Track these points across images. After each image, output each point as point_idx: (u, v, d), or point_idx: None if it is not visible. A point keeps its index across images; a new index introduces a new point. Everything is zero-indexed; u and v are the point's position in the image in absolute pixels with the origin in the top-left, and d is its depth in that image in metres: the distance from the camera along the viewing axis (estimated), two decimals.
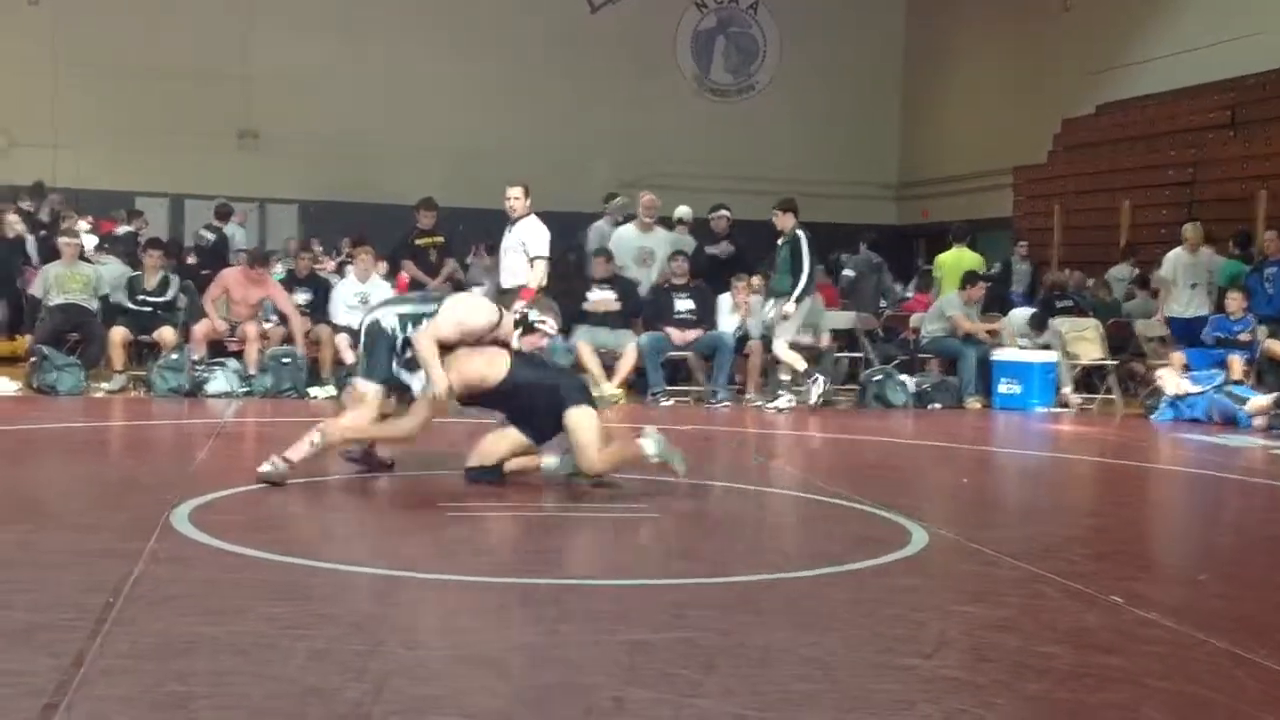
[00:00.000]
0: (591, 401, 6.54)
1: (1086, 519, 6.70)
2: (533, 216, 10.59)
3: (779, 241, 11.50)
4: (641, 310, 12.10)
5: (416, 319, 6.38)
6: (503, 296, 8.81)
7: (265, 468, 6.18)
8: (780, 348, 11.26)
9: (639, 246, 12.52)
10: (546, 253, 10.54)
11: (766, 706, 3.19)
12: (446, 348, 6.28)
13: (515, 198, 10.58)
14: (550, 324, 6.75)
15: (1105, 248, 17.03)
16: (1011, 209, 19.84)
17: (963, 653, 3.79)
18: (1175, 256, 13.17)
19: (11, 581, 4.24)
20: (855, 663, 3.61)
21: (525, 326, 6.64)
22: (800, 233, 11.26)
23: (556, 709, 3.12)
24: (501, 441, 6.43)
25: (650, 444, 6.46)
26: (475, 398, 6.40)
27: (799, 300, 11.15)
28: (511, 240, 10.62)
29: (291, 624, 3.79)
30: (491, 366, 6.32)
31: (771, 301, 11.50)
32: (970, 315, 12.59)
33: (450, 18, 21.39)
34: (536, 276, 10.36)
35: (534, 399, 6.35)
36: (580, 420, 6.33)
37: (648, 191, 13.01)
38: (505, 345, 6.51)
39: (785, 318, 11.21)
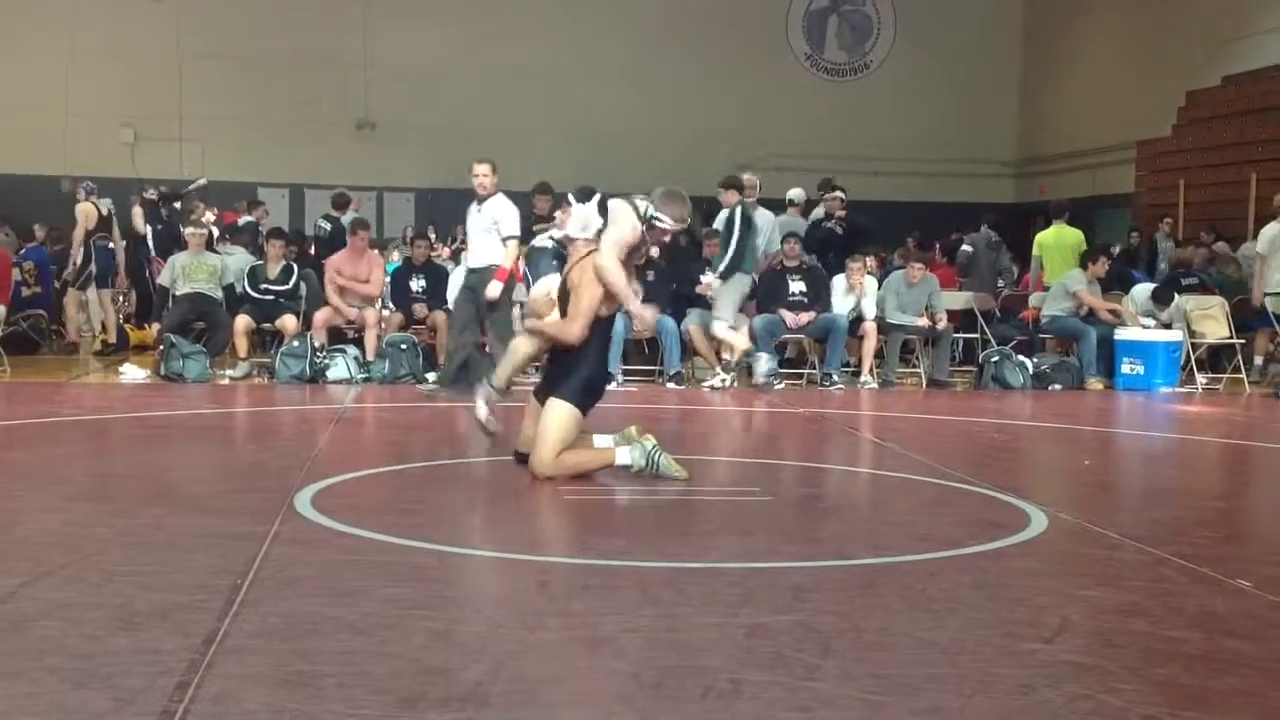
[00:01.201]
0: (581, 401, 6.18)
1: (1212, 502, 6.54)
2: (500, 195, 10.07)
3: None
4: (755, 293, 12.06)
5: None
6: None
7: (482, 411, 6.53)
8: (719, 328, 11.18)
9: None
10: (519, 232, 10.13)
11: (885, 690, 3.17)
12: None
13: (485, 174, 10.01)
14: (668, 221, 6.33)
15: (1232, 223, 16.56)
16: (1133, 185, 19.38)
17: (1086, 637, 3.73)
18: (1269, 230, 12.31)
19: (147, 563, 4.38)
20: (975, 647, 3.57)
21: (646, 222, 6.31)
22: (738, 211, 11.13)
23: (674, 690, 3.13)
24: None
25: (627, 455, 6.09)
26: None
27: (724, 277, 11.04)
28: (482, 220, 10.05)
29: (411, 605, 3.85)
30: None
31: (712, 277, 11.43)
32: (1093, 292, 12.35)
33: (564, 4, 21.49)
34: (511, 257, 9.99)
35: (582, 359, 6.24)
36: (559, 415, 6.09)
37: (747, 172, 12.94)
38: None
39: (710, 293, 11.26)
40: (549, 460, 6.06)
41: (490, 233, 10.00)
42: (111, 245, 13.76)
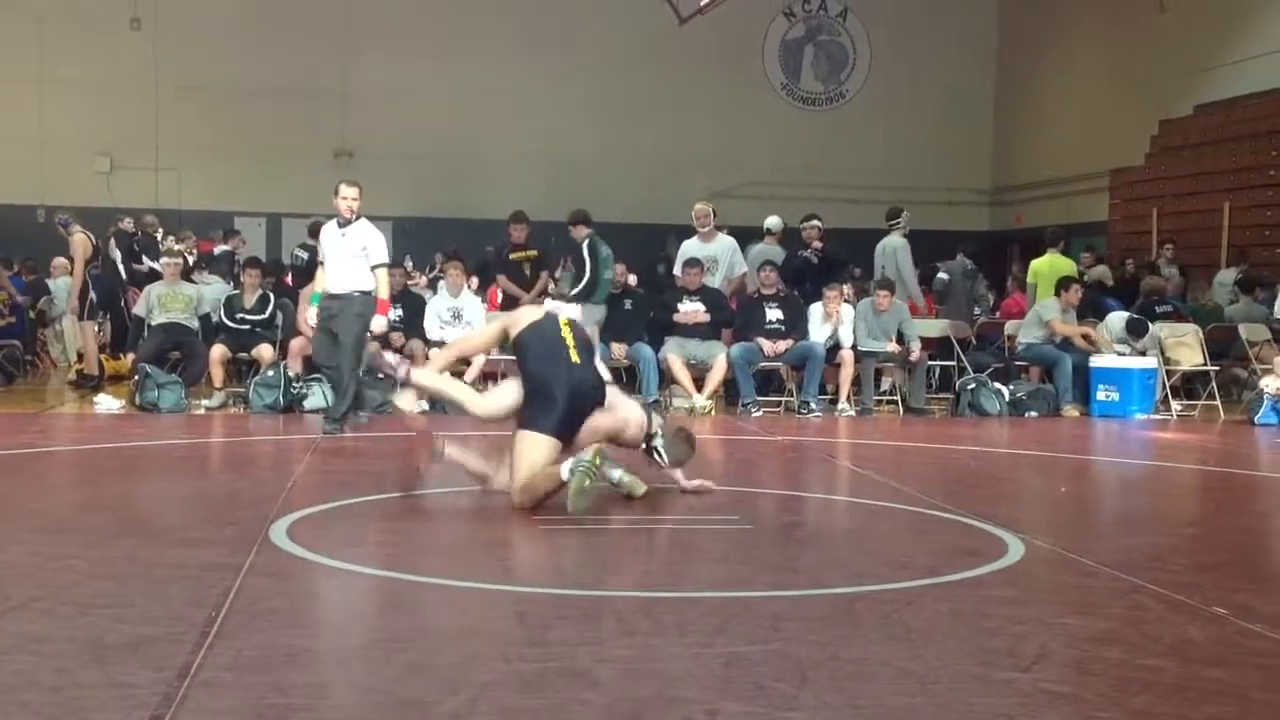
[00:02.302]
0: (525, 420, 6.13)
1: (1188, 529, 6.57)
2: (364, 220, 9.76)
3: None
4: (732, 321, 12.10)
5: None
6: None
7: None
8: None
9: (703, 256, 12.51)
10: (389, 259, 9.92)
11: None
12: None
13: (354, 198, 9.69)
14: (665, 457, 6.59)
15: (1205, 250, 16.68)
16: (1107, 213, 19.52)
17: (1063, 666, 3.73)
18: None
19: (121, 595, 4.34)
20: (953, 676, 3.57)
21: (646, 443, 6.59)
22: (585, 243, 11.54)
23: None
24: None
25: (566, 469, 5.84)
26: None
27: (579, 301, 11.09)
28: (348, 245, 9.66)
29: (388, 636, 3.83)
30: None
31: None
32: (1068, 320, 12.42)
33: (542, 33, 21.56)
34: (385, 286, 9.73)
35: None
36: (515, 443, 6.08)
37: (699, 202, 13.10)
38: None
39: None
40: (514, 488, 6.02)
41: (358, 258, 9.67)
42: (100, 275, 13.66)
